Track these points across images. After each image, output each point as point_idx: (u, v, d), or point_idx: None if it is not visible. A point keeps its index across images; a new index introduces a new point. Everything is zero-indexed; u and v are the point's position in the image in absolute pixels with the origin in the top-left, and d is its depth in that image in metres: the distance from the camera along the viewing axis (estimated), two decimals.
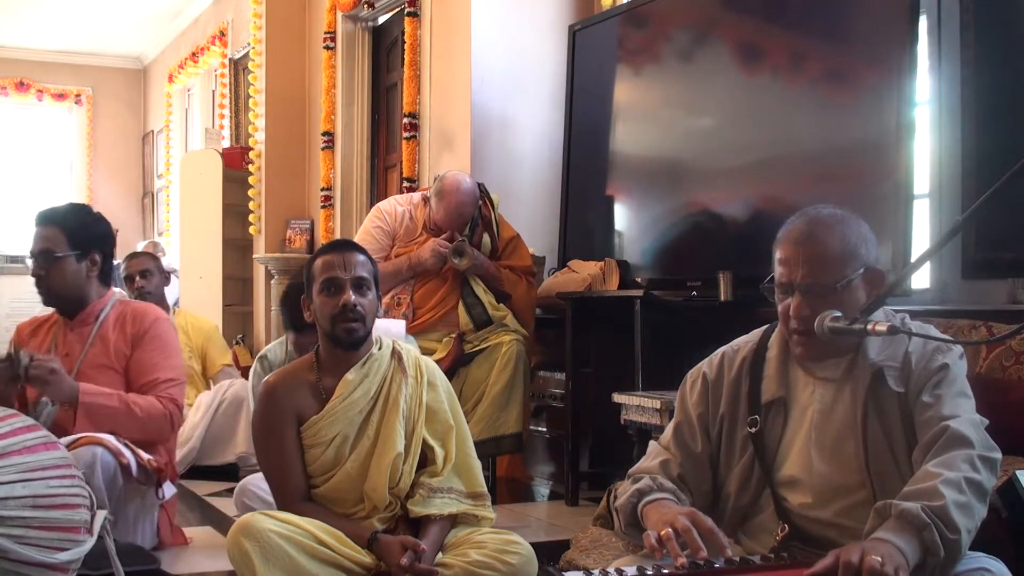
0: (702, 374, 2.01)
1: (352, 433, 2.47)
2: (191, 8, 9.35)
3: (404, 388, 2.50)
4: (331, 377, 2.49)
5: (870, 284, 1.84)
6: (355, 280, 2.45)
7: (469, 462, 2.57)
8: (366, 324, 2.46)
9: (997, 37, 3.05)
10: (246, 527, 2.25)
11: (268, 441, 2.50)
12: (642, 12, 4.39)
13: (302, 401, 2.48)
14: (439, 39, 5.28)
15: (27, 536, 1.95)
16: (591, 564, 2.34)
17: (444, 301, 4.04)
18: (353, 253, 2.50)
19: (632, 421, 3.37)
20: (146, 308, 3.16)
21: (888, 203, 3.13)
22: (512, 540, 2.43)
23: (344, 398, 2.46)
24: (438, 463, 2.50)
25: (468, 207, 4.05)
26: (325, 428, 2.45)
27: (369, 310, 2.47)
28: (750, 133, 3.76)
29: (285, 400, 2.48)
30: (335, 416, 2.45)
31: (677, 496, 1.86)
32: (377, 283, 2.54)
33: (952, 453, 1.67)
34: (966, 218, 2.03)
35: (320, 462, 2.46)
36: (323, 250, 2.55)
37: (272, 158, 7.10)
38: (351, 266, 2.46)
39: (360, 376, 2.48)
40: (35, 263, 3.03)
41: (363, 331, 2.46)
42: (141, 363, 3.02)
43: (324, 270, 2.47)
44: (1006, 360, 2.44)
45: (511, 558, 2.37)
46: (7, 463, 1.98)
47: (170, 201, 10.25)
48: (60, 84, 11.36)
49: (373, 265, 2.54)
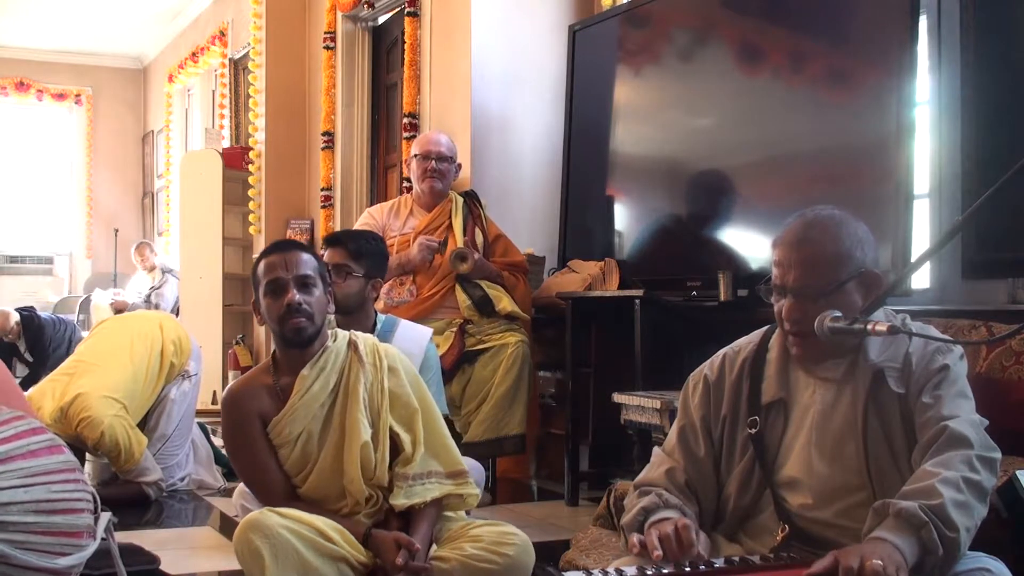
0: (703, 376, 2.01)
1: (317, 429, 2.47)
2: (191, 8, 9.35)
3: (363, 377, 2.49)
4: (288, 376, 2.50)
5: (865, 287, 1.84)
6: (298, 279, 2.46)
7: (443, 441, 2.55)
8: (314, 321, 2.47)
9: (997, 37, 3.05)
10: (255, 524, 2.25)
11: (239, 448, 2.54)
12: (642, 12, 4.39)
13: (263, 403, 2.49)
14: (439, 39, 5.28)
15: (29, 541, 1.94)
16: (591, 564, 2.34)
17: (444, 280, 4.16)
18: (295, 252, 2.50)
19: (632, 421, 3.37)
20: None
21: (888, 203, 3.13)
22: (508, 532, 2.42)
23: (302, 394, 2.46)
24: (407, 448, 2.48)
25: (440, 144, 4.36)
26: (288, 426, 2.46)
27: (317, 307, 2.47)
28: (750, 133, 3.77)
29: (247, 404, 2.50)
30: (295, 414, 2.46)
31: (683, 511, 1.85)
32: (325, 280, 2.55)
33: (951, 453, 1.67)
34: (966, 218, 2.03)
35: (292, 461, 2.47)
36: (264, 253, 2.56)
37: (272, 158, 7.10)
38: (293, 265, 2.46)
39: (316, 371, 2.48)
40: None
41: (312, 328, 2.47)
42: None
43: (267, 272, 2.48)
44: (1006, 360, 2.44)
45: (508, 550, 2.36)
46: (9, 468, 1.97)
47: (170, 201, 10.25)
48: (60, 84, 11.36)
49: (319, 263, 2.55)
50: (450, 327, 4.09)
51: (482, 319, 4.11)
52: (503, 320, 4.14)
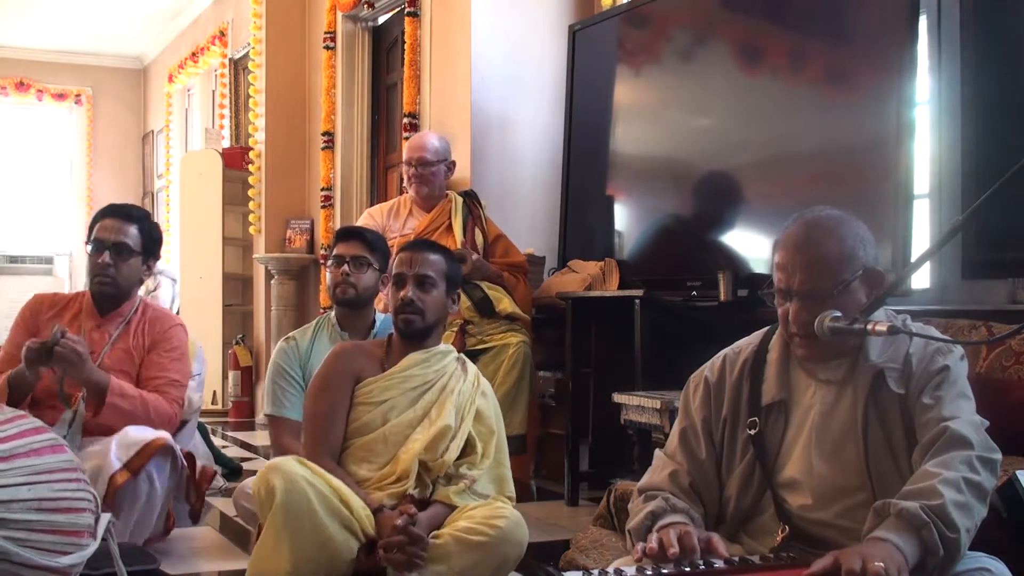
0: (704, 378, 2.00)
1: (402, 404, 2.59)
2: (191, 8, 9.34)
3: (461, 383, 2.65)
4: (397, 357, 2.66)
5: (869, 285, 1.84)
6: (418, 277, 2.63)
7: (504, 472, 2.69)
8: (426, 318, 2.63)
9: (997, 37, 3.05)
10: (278, 466, 2.36)
11: (322, 393, 2.63)
12: (642, 12, 4.39)
13: (365, 364, 2.65)
14: (439, 39, 5.28)
15: (30, 539, 1.95)
16: (591, 564, 2.34)
17: None
18: (422, 251, 2.69)
19: (632, 421, 3.37)
20: (166, 315, 3.32)
21: (888, 203, 3.13)
22: (500, 507, 2.49)
23: (405, 369, 2.62)
24: (477, 454, 2.60)
25: (423, 149, 4.41)
26: (379, 390, 2.59)
27: (430, 305, 2.63)
28: (750, 133, 3.77)
29: (350, 360, 2.65)
30: (391, 381, 2.60)
31: (690, 514, 1.85)
32: (453, 283, 2.71)
33: (951, 454, 1.67)
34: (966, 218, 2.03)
35: (363, 420, 2.58)
36: (402, 248, 2.73)
37: (272, 158, 7.10)
38: (417, 263, 2.64)
39: (424, 357, 2.64)
40: (110, 252, 3.12)
41: (421, 323, 2.63)
42: (152, 364, 3.13)
43: (396, 265, 2.67)
44: (1006, 360, 2.44)
45: (499, 522, 2.41)
46: (13, 466, 1.98)
47: (170, 201, 10.25)
48: (60, 84, 11.36)
49: (450, 265, 2.72)
50: (450, 327, 4.09)
51: (482, 320, 4.11)
52: (504, 320, 4.14)
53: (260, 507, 2.37)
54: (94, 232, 3.17)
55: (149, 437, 2.91)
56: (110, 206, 3.25)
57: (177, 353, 3.18)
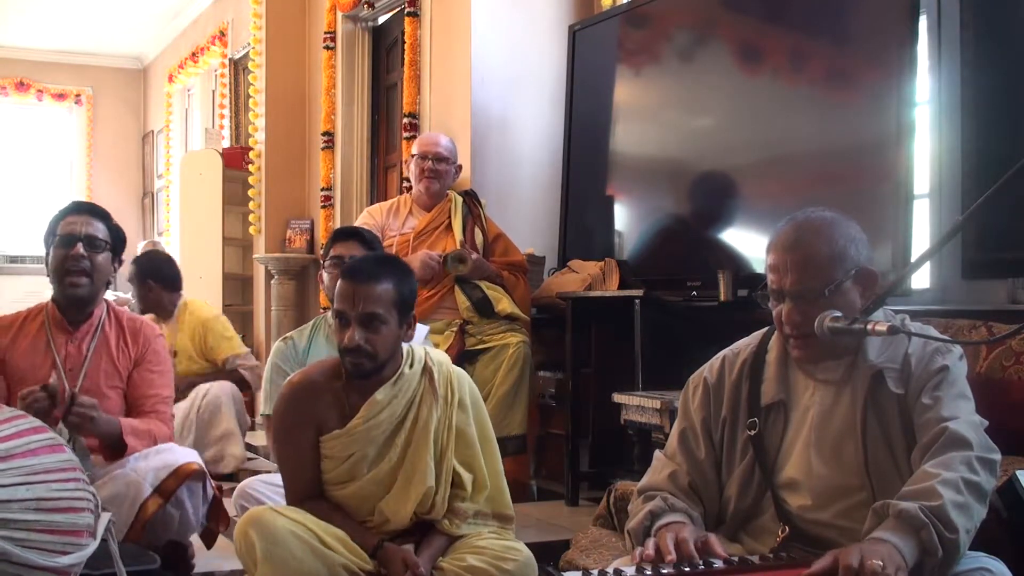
0: (703, 379, 2.01)
1: (372, 453, 2.41)
2: (191, 8, 9.34)
3: (434, 412, 2.42)
4: (358, 394, 2.41)
5: (862, 285, 1.84)
6: (363, 317, 2.33)
7: (498, 483, 2.54)
8: (376, 359, 2.36)
9: (997, 37, 3.05)
10: (255, 519, 2.30)
11: (285, 440, 2.48)
12: (642, 12, 4.39)
13: (324, 412, 2.41)
14: (439, 39, 5.28)
15: (30, 539, 1.94)
16: (591, 564, 2.34)
17: (443, 282, 4.15)
18: (367, 285, 2.34)
19: (632, 421, 3.37)
20: (144, 322, 3.08)
21: (888, 203, 3.13)
22: (512, 547, 2.42)
23: (368, 419, 2.39)
24: (467, 488, 2.46)
25: (438, 145, 4.38)
26: (344, 446, 2.40)
27: (381, 345, 2.35)
28: (750, 133, 3.77)
29: (307, 406, 2.42)
30: (356, 436, 2.39)
31: (689, 514, 1.86)
32: (402, 308, 2.39)
33: (950, 454, 1.67)
34: (966, 218, 2.03)
35: (334, 473, 2.43)
36: (343, 274, 2.43)
37: (272, 158, 7.09)
38: (360, 300, 2.33)
39: (389, 396, 2.40)
40: (83, 244, 2.85)
41: (371, 365, 2.36)
42: (143, 381, 2.96)
43: (337, 300, 2.37)
44: (1006, 360, 2.44)
45: (508, 564, 2.36)
46: (11, 465, 1.97)
47: (170, 201, 10.24)
48: (60, 84, 11.35)
49: (399, 290, 2.39)
50: (450, 327, 4.10)
51: (482, 320, 4.11)
52: (504, 320, 4.14)
53: (244, 564, 2.32)
54: (58, 229, 2.87)
55: (181, 460, 2.77)
56: (72, 203, 3.01)
57: (164, 367, 3.02)
